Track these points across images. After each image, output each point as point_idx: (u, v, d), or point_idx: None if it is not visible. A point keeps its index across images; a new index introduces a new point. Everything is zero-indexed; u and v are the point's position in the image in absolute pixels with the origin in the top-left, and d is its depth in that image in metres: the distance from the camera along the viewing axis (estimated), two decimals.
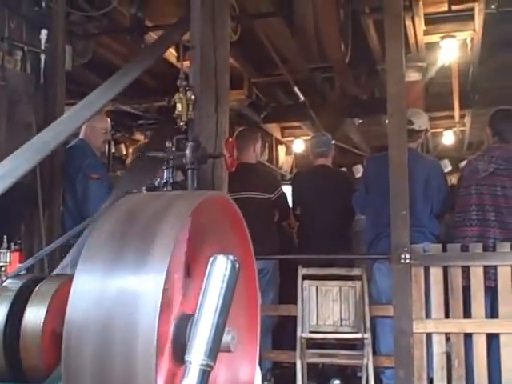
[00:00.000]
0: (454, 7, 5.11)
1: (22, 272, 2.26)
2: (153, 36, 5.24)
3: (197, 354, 1.49)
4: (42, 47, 4.02)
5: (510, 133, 4.36)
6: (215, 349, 1.51)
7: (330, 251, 4.67)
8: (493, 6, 4.87)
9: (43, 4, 4.08)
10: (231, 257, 1.58)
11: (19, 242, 2.87)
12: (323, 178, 5.18)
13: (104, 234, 1.71)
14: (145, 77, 6.36)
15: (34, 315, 1.93)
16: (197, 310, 1.55)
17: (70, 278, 1.66)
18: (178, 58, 5.28)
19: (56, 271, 3.04)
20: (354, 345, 4.37)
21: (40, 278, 2.10)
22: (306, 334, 4.28)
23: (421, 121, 4.67)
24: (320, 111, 7.24)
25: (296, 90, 6.67)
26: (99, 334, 1.55)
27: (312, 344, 4.36)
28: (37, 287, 2.02)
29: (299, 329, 4.29)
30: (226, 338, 1.61)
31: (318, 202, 5.04)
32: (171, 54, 5.54)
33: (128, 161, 7.94)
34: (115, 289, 1.60)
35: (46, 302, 1.95)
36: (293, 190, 5.36)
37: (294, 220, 5.56)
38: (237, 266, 1.58)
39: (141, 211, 1.77)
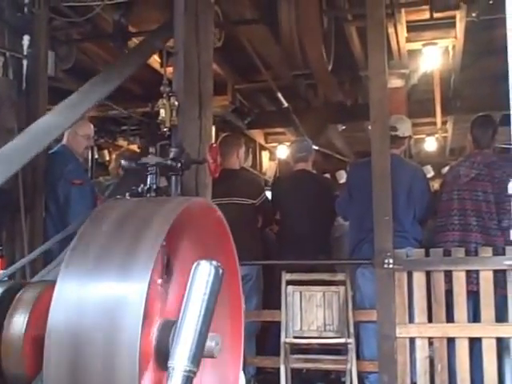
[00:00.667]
0: (435, 15, 5.16)
1: (4, 279, 2.24)
2: (136, 42, 5.23)
3: (180, 360, 1.49)
4: (25, 53, 3.99)
5: (486, 139, 4.41)
6: (198, 355, 1.51)
7: (310, 256, 4.69)
8: (474, 14, 4.93)
9: (25, 9, 4.06)
10: (214, 262, 1.58)
11: (0, 248, 2.85)
12: (303, 182, 5.18)
13: (86, 240, 1.70)
14: (128, 83, 6.34)
15: (16, 322, 1.91)
16: (180, 316, 1.54)
17: (52, 284, 1.65)
18: (161, 64, 5.27)
19: (37, 277, 3.01)
20: (337, 350, 4.38)
21: (22, 285, 2.08)
22: (290, 340, 4.28)
23: (404, 127, 4.71)
24: (303, 117, 7.27)
25: (279, 96, 6.70)
26: (81, 341, 1.54)
27: (296, 349, 4.36)
28: (18, 294, 1.99)
29: (283, 334, 4.29)
30: (210, 343, 1.60)
31: (297, 207, 5.03)
32: (155, 59, 5.54)
33: (111, 167, 7.90)
34: (98, 296, 1.59)
35: (28, 309, 1.93)
36: (273, 195, 5.35)
37: (275, 225, 5.56)
38: (220, 271, 1.58)
39: (123, 218, 1.76)
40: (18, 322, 1.91)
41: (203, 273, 1.56)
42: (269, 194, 5.52)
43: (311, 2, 4.69)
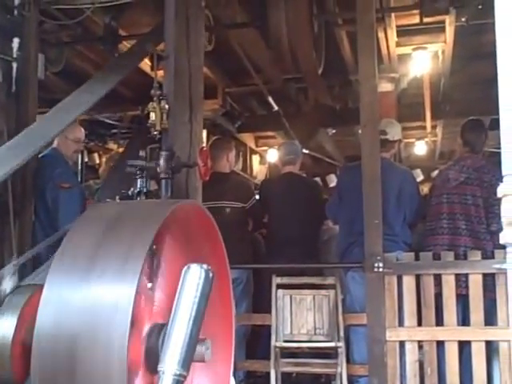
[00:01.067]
0: (425, 20, 5.18)
1: None
2: (126, 45, 5.22)
3: (170, 364, 1.49)
4: (14, 55, 3.97)
5: (479, 143, 4.45)
6: (188, 358, 1.51)
7: (298, 260, 4.68)
8: (463, 19, 4.96)
9: (15, 12, 4.04)
10: (205, 266, 1.58)
11: None
12: (290, 185, 5.15)
13: (75, 244, 1.69)
14: (119, 86, 6.33)
15: (4, 326, 1.90)
16: (170, 320, 1.54)
17: (41, 288, 1.64)
18: (152, 68, 5.26)
19: (26, 281, 2.99)
20: (328, 353, 4.38)
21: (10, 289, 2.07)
22: (280, 343, 4.28)
23: (394, 131, 4.73)
24: (294, 121, 7.28)
25: (270, 99, 6.70)
26: (69, 346, 1.54)
27: (286, 353, 4.35)
28: (7, 298, 1.99)
29: (273, 338, 4.28)
30: (200, 347, 1.60)
31: (285, 210, 5.02)
32: (145, 63, 5.53)
33: (101, 170, 7.87)
34: (86, 300, 1.58)
35: (16, 313, 1.92)
36: (260, 198, 5.29)
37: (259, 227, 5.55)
38: (211, 275, 1.58)
39: (113, 221, 1.76)
40: (7, 326, 1.90)
41: (194, 276, 1.56)
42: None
43: (302, 6, 4.71)
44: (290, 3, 4.68)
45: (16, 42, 3.97)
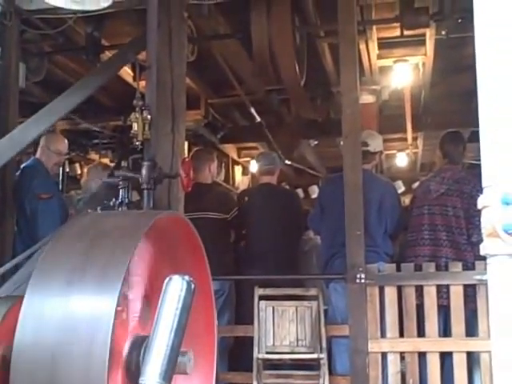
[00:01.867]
0: (406, 32, 5.24)
1: None
2: (108, 55, 5.21)
3: (151, 376, 1.47)
4: None
5: (458, 155, 4.49)
6: (170, 370, 1.49)
7: (276, 270, 4.66)
8: (443, 32, 5.01)
9: None
10: (187, 277, 1.57)
11: None
12: (268, 196, 5.12)
13: (55, 256, 1.68)
14: (100, 96, 6.31)
15: None
16: (152, 331, 1.53)
17: (20, 300, 1.62)
18: (134, 78, 5.25)
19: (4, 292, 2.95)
20: (310, 365, 4.37)
21: None
22: (263, 355, 4.26)
23: (376, 143, 4.76)
24: (276, 132, 7.30)
25: (252, 111, 6.71)
26: (49, 358, 1.52)
27: (268, 365, 4.33)
28: None
29: (256, 349, 4.26)
30: (182, 359, 1.59)
31: (263, 221, 4.99)
32: (127, 73, 5.52)
33: (83, 180, 7.83)
34: (66, 312, 1.57)
35: None
36: (238, 209, 5.20)
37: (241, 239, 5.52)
38: (192, 286, 1.57)
39: (93, 232, 1.74)
40: None
41: (175, 288, 1.55)
42: None
43: (284, 18, 4.73)
44: (272, 15, 4.70)
45: None
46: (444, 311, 4.00)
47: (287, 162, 8.23)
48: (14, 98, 4.09)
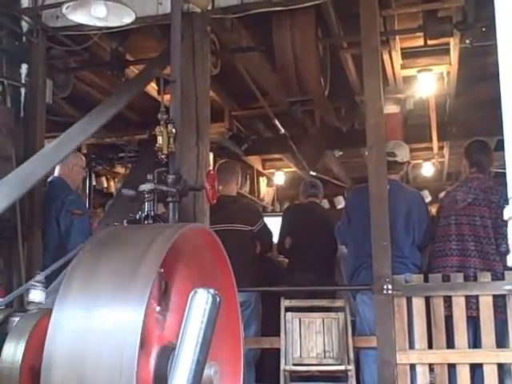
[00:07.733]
0: (430, 42, 5.21)
1: (1, 307, 2.22)
2: (133, 70, 5.28)
3: None
4: (23, 81, 4.03)
5: (487, 164, 4.43)
6: (196, 383, 1.49)
7: (318, 281, 4.72)
8: (467, 41, 4.98)
9: (24, 38, 4.11)
10: (212, 290, 1.57)
11: None
12: (315, 212, 5.50)
13: (83, 269, 1.70)
14: (126, 110, 6.39)
15: (12, 351, 1.89)
16: (177, 345, 1.53)
17: (49, 312, 1.64)
18: (158, 92, 5.31)
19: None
20: (338, 377, 4.33)
21: (19, 313, 2.06)
22: (290, 367, 4.23)
23: (403, 153, 4.71)
24: (301, 143, 7.30)
25: (276, 122, 6.73)
26: (78, 370, 1.53)
27: (295, 377, 4.31)
28: (15, 322, 1.98)
29: (282, 361, 4.24)
30: (208, 371, 1.59)
31: (309, 235, 5.22)
32: (152, 87, 5.58)
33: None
34: (94, 324, 1.58)
35: (25, 338, 1.91)
36: (283, 223, 5.49)
37: (278, 253, 5.59)
38: (218, 299, 1.57)
39: (120, 246, 1.76)
40: (15, 351, 1.89)
41: (200, 301, 1.55)
42: (269, 221, 5.53)
43: (307, 29, 4.75)
44: (295, 27, 4.72)
45: (24, 67, 4.04)
46: (473, 322, 3.94)
47: (312, 172, 8.22)
48: (42, 115, 4.17)
